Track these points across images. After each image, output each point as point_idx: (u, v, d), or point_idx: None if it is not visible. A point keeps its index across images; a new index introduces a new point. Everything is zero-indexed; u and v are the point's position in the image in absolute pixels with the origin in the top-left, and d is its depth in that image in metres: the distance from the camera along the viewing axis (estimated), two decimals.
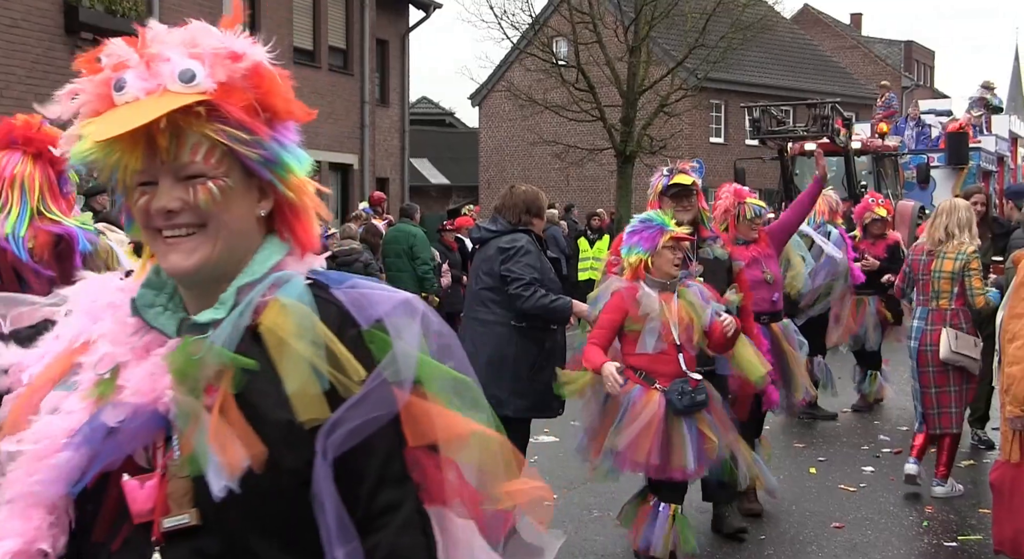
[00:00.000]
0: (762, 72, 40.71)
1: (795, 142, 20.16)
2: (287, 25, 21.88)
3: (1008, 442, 5.49)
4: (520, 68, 34.08)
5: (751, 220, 7.76)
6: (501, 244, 6.54)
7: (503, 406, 6.45)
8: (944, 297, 7.84)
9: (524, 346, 6.48)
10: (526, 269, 6.38)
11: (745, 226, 7.77)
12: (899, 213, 19.60)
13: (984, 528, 7.33)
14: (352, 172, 24.33)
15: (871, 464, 9.22)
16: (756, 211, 7.80)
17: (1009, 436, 5.46)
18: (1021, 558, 5.57)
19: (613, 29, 28.74)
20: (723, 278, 6.74)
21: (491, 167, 41.20)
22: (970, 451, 9.42)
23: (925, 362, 7.90)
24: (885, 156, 20.77)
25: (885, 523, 7.55)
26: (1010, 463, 5.47)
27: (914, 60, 62.74)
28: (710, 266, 6.68)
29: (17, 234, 4.08)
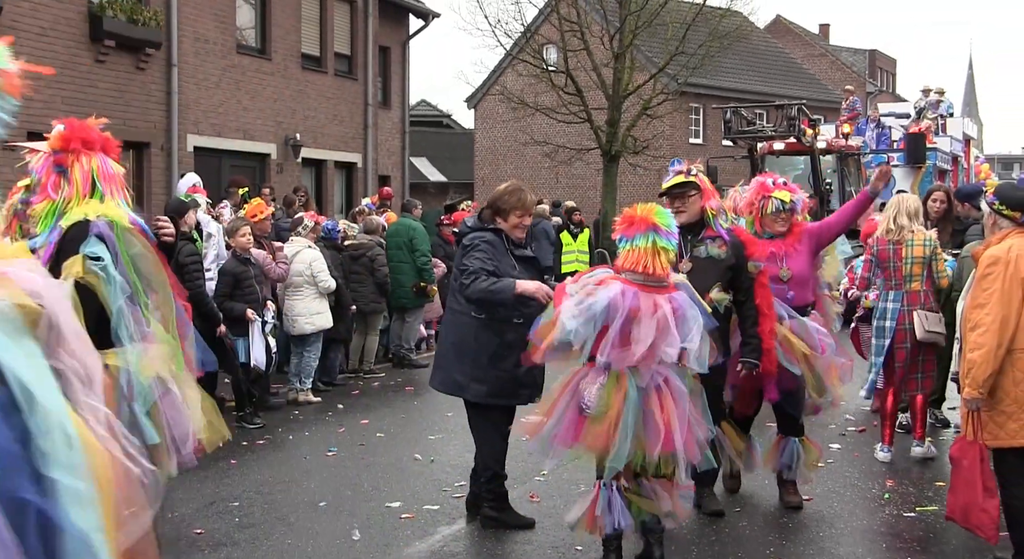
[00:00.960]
0: (737, 78, 40.74)
1: (764, 141, 20.11)
2: (295, 33, 21.86)
3: (965, 421, 5.62)
4: (513, 73, 34.07)
5: (774, 214, 7.22)
6: (464, 241, 6.68)
7: (464, 390, 6.64)
8: (916, 280, 8.31)
9: (485, 337, 6.53)
10: (475, 262, 6.39)
11: (769, 220, 7.25)
12: None
13: (940, 500, 7.41)
14: (356, 170, 24.33)
15: (837, 442, 9.30)
16: (778, 206, 7.20)
17: (965, 415, 5.59)
18: (970, 526, 5.70)
19: (599, 37, 28.77)
20: (714, 276, 6.42)
21: (486, 166, 41.18)
22: (928, 430, 9.48)
23: (903, 340, 8.30)
24: (848, 155, 20.73)
25: (850, 496, 7.62)
26: (967, 439, 5.59)
27: (878, 67, 62.73)
28: (701, 264, 6.44)
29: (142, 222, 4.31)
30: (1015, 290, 5.35)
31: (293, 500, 7.55)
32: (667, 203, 6.41)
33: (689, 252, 6.47)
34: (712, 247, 6.50)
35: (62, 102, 15.96)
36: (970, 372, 5.40)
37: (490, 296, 6.33)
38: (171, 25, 18.04)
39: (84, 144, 4.34)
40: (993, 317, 5.33)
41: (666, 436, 5.44)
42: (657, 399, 5.53)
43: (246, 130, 20.35)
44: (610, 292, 5.51)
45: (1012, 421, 5.38)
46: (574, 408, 5.59)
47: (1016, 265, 5.39)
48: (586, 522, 5.72)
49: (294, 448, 9.35)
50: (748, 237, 6.85)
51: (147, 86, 17.75)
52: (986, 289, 5.41)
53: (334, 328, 11.85)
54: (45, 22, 15.73)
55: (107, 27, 16.47)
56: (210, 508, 7.34)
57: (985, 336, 5.35)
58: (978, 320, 5.40)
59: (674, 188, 6.51)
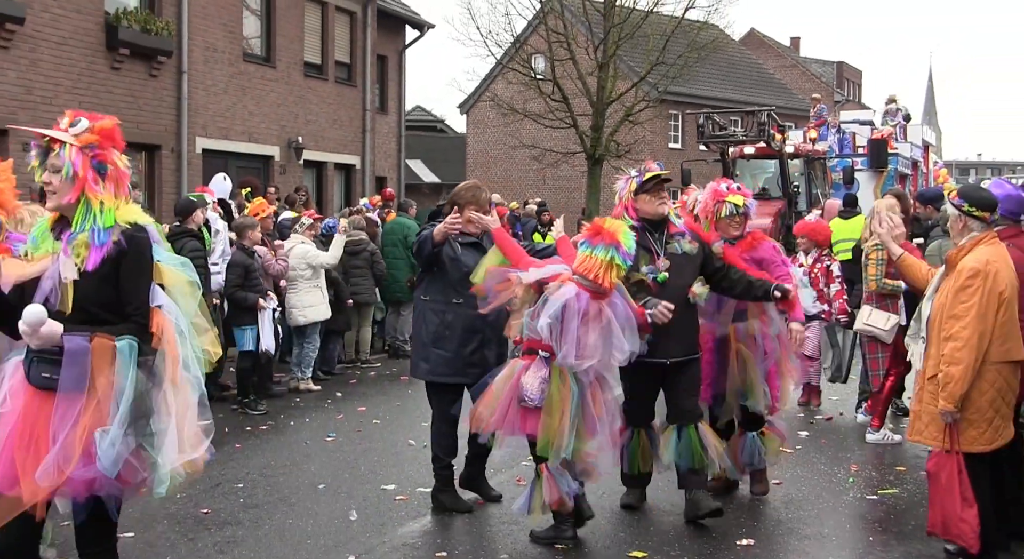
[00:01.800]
0: (714, 86, 40.77)
1: (736, 146, 19.96)
2: (298, 42, 21.82)
3: (942, 431, 5.38)
4: (503, 81, 34.06)
5: (728, 218, 6.81)
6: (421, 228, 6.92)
7: (416, 369, 6.83)
8: (868, 280, 8.72)
9: (429, 317, 6.62)
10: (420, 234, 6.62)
11: (724, 224, 6.84)
12: (827, 210, 19.84)
13: (900, 484, 7.46)
14: (355, 171, 24.30)
15: (806, 429, 9.33)
16: (731, 209, 6.77)
17: (942, 428, 5.37)
18: (951, 537, 5.48)
19: (584, 48, 28.75)
20: (691, 272, 6.34)
21: (477, 168, 41.12)
22: (889, 418, 9.52)
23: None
24: (815, 160, 20.63)
25: (817, 480, 7.64)
26: (943, 452, 5.38)
27: (845, 78, 62.86)
28: (677, 261, 6.29)
29: None
30: (992, 304, 5.23)
31: (294, 482, 7.55)
32: (649, 198, 6.28)
33: (663, 251, 6.31)
34: (684, 243, 6.36)
35: (79, 106, 15.75)
36: (947, 386, 5.23)
37: (419, 247, 6.49)
38: (182, 35, 18.01)
39: (115, 143, 4.09)
40: (971, 331, 5.20)
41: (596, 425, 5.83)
42: (592, 393, 5.77)
43: (251, 133, 20.31)
44: (565, 294, 5.61)
45: (972, 428, 5.31)
46: (515, 400, 5.71)
47: (995, 279, 5.26)
48: (552, 504, 5.85)
49: (295, 433, 9.34)
50: (698, 226, 6.74)
51: (159, 92, 17.71)
52: (964, 302, 5.26)
53: (333, 320, 11.84)
54: (65, 32, 15.71)
55: (122, 36, 16.46)
56: (216, 489, 7.33)
57: (963, 351, 5.20)
58: (955, 333, 5.25)
59: (659, 179, 6.29)
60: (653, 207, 6.31)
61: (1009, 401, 5.39)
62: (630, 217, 6.29)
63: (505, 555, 5.90)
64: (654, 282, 6.22)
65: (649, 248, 6.28)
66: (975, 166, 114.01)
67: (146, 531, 6.35)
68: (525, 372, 5.73)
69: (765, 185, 19.89)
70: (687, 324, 6.35)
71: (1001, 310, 5.26)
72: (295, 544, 6.11)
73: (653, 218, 6.33)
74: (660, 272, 6.23)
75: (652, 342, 6.01)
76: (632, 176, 6.38)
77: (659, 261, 6.24)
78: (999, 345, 5.26)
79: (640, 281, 6.18)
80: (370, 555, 5.93)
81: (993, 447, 5.39)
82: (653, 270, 6.20)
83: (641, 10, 28.79)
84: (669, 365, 6.29)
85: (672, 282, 6.24)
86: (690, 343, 6.43)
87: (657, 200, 6.28)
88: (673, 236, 6.37)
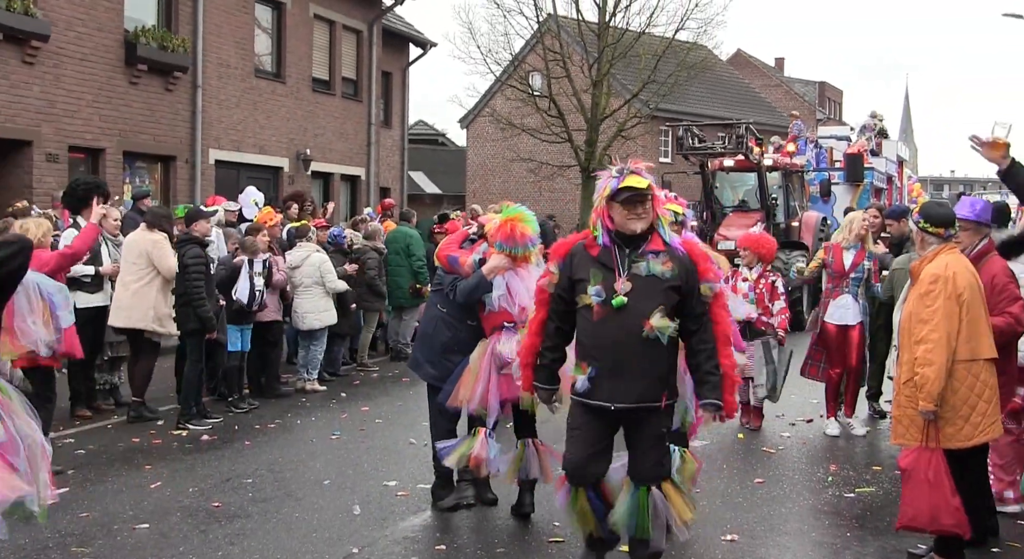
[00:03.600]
0: (702, 104, 40.81)
1: (715, 158, 19.36)
2: (307, 59, 21.85)
3: (922, 430, 5.36)
4: (501, 97, 34.09)
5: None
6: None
7: (419, 367, 6.84)
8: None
9: (443, 330, 6.64)
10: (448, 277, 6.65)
11: None
12: (804, 223, 19.57)
13: (877, 482, 7.47)
14: (360, 182, 24.32)
15: (787, 431, 9.34)
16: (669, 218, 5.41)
17: (922, 425, 5.36)
18: (943, 528, 5.39)
19: (580, 66, 28.85)
20: (656, 299, 4.79)
21: (476, 179, 41.13)
22: (867, 420, 9.55)
23: None
24: (793, 173, 20.16)
25: (798, 478, 7.65)
26: (923, 448, 5.36)
27: (826, 97, 63.00)
28: (640, 284, 4.81)
29: None
30: (953, 306, 5.28)
31: (301, 478, 7.55)
32: (622, 210, 4.87)
33: (627, 270, 4.85)
34: (655, 264, 4.85)
35: (100, 119, 15.96)
36: (924, 387, 5.25)
37: (476, 289, 6.30)
38: (197, 52, 18.05)
39: None
40: (940, 333, 5.24)
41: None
42: None
43: (262, 146, 20.33)
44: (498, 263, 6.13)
45: (949, 425, 5.31)
46: (494, 371, 6.06)
47: (954, 282, 5.31)
48: (471, 462, 6.24)
49: (302, 431, 9.34)
50: (701, 252, 5.12)
51: (175, 105, 17.73)
52: (929, 306, 5.30)
53: (337, 324, 11.85)
54: (87, 49, 15.76)
55: (140, 53, 16.52)
56: (226, 484, 7.34)
57: (934, 352, 5.23)
58: (924, 336, 5.28)
59: (633, 193, 4.84)
60: (623, 220, 4.90)
61: (988, 398, 5.37)
62: (605, 225, 4.96)
63: (502, 549, 5.91)
64: (603, 307, 4.82)
65: (609, 265, 4.88)
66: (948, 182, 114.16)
67: (160, 523, 6.36)
68: (497, 344, 6.15)
69: (744, 197, 19.64)
70: (646, 363, 4.82)
71: (962, 311, 5.32)
72: (301, 537, 6.11)
73: (625, 232, 4.91)
74: (617, 295, 4.80)
75: (594, 378, 4.85)
76: (613, 175, 4.95)
77: (619, 282, 4.83)
78: (964, 344, 5.31)
79: (587, 306, 4.88)
80: (372, 548, 5.94)
81: (973, 443, 5.40)
82: (600, 292, 4.82)
83: (634, 31, 28.90)
84: (614, 411, 4.88)
85: (633, 308, 4.80)
86: (648, 387, 4.86)
87: (630, 214, 4.87)
88: (646, 253, 4.88)
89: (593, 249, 4.95)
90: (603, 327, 4.83)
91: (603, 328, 4.83)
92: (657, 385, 4.88)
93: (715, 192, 19.69)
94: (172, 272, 9.38)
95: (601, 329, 4.84)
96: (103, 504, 6.79)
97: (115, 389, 10.20)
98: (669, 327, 4.78)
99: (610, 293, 4.81)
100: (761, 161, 19.02)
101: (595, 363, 4.84)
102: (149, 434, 8.97)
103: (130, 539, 6.07)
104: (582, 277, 4.92)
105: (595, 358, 4.85)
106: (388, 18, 25.03)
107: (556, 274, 5.08)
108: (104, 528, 6.26)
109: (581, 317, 4.96)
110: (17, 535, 6.06)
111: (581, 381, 4.86)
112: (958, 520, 5.34)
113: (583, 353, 4.92)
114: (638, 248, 4.90)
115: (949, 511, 5.31)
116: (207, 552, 5.83)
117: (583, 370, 4.86)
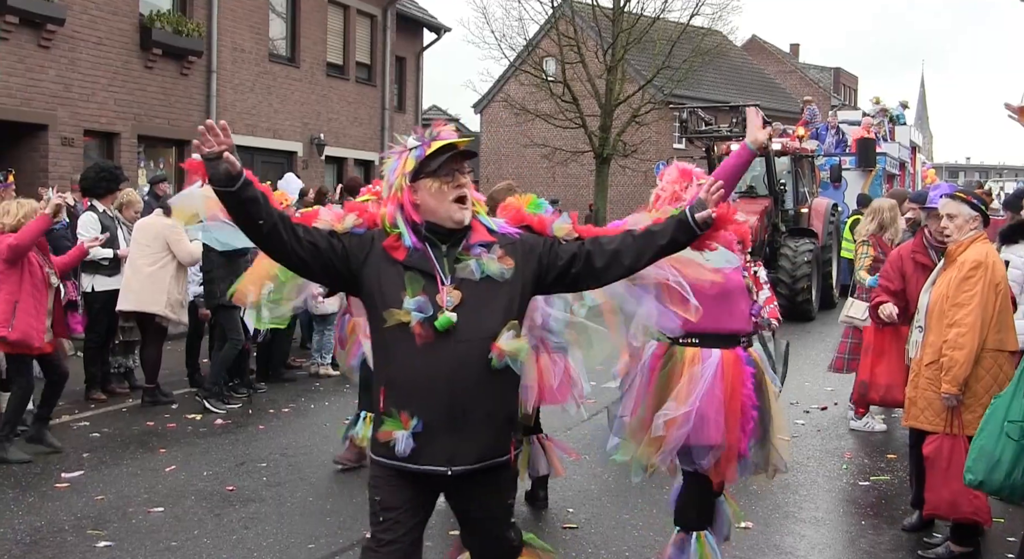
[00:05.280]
0: (717, 90, 40.63)
1: (721, 142, 18.60)
2: (322, 44, 21.82)
3: (939, 415, 5.34)
4: (515, 82, 34.01)
5: None
6: None
7: None
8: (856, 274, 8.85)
9: None
10: None
11: None
12: (814, 209, 18.89)
13: (891, 470, 7.44)
14: (374, 167, 24.30)
15: (802, 418, 9.30)
16: None
17: (940, 409, 5.34)
18: (962, 515, 5.38)
19: (594, 52, 28.75)
20: (500, 309, 3.35)
21: (490, 165, 41.10)
22: (881, 408, 9.48)
23: None
24: (803, 158, 19.46)
25: (813, 466, 7.62)
26: (945, 435, 5.33)
27: (841, 83, 62.67)
28: (474, 292, 3.34)
29: None
30: (991, 294, 5.26)
31: (314, 462, 7.55)
32: (441, 187, 3.35)
33: (450, 277, 3.36)
34: (489, 261, 3.39)
35: (115, 104, 15.98)
36: (951, 370, 5.21)
37: None
38: (211, 36, 18.04)
39: None
40: (974, 318, 5.20)
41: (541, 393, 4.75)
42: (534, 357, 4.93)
43: (276, 130, 20.32)
44: None
45: (968, 412, 5.26)
46: None
47: (994, 271, 5.30)
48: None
49: (315, 416, 9.35)
50: (535, 216, 3.67)
51: (189, 90, 17.74)
52: (967, 291, 5.26)
53: None
54: (102, 33, 15.76)
55: (155, 38, 16.52)
56: (241, 468, 7.35)
57: (966, 337, 5.19)
58: (959, 319, 5.25)
59: (460, 154, 3.45)
60: (439, 203, 3.39)
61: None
62: (408, 218, 3.42)
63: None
64: (425, 328, 3.29)
65: (429, 270, 3.37)
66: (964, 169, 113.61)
67: (175, 506, 6.37)
68: None
69: (752, 183, 18.74)
70: (493, 403, 3.39)
71: (998, 300, 5.30)
72: (315, 520, 6.12)
73: (442, 223, 3.41)
74: (443, 312, 3.29)
75: (421, 433, 3.31)
76: (409, 147, 3.49)
77: (442, 292, 3.34)
78: (995, 333, 5.28)
79: (403, 324, 3.31)
80: None
81: None
82: (423, 306, 3.31)
83: (648, 16, 28.77)
84: (451, 477, 3.36)
85: (467, 328, 3.31)
86: (496, 438, 3.44)
87: (450, 192, 3.38)
88: (470, 248, 3.41)
89: (398, 252, 3.37)
90: (429, 358, 3.28)
91: (429, 359, 3.28)
92: (505, 431, 3.45)
93: None
94: (193, 256, 9.31)
95: (426, 361, 3.29)
96: (118, 487, 6.80)
97: (130, 372, 10.21)
98: (523, 349, 3.35)
99: (424, 308, 3.30)
100: (769, 145, 18.40)
101: (422, 412, 3.30)
102: (163, 417, 8.98)
103: (145, 522, 6.08)
104: (386, 289, 3.35)
105: (421, 405, 3.30)
106: (402, 3, 24.98)
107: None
108: (119, 511, 6.28)
109: (389, 345, 3.36)
110: (33, 517, 6.09)
111: (401, 440, 3.29)
112: (977, 508, 5.31)
113: (399, 399, 3.33)
114: (459, 243, 3.40)
115: (968, 498, 5.26)
116: (222, 535, 5.84)
117: (403, 424, 3.31)
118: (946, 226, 5.46)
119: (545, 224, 3.60)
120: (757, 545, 5.81)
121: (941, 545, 5.60)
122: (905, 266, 6.36)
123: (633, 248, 3.48)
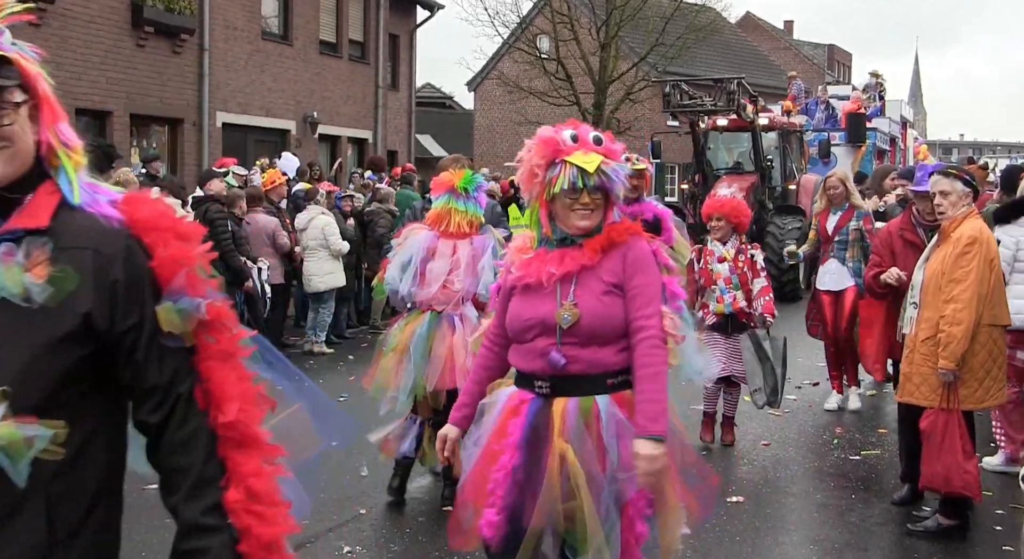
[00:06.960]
0: (711, 67, 40.40)
1: (705, 116, 18.09)
2: (314, 22, 21.69)
3: (935, 391, 5.33)
4: (509, 60, 33.86)
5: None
6: None
7: None
8: None
9: None
10: None
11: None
12: (802, 186, 18.28)
13: (881, 445, 7.49)
14: (367, 145, 24.23)
15: (794, 394, 9.33)
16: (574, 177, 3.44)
17: (935, 385, 5.32)
18: (954, 489, 5.39)
19: (588, 29, 28.61)
20: (27, 347, 1.81)
21: (483, 143, 41.00)
22: (871, 383, 9.52)
23: None
24: (791, 133, 18.87)
25: (804, 441, 7.67)
26: (939, 410, 5.33)
27: (835, 60, 62.47)
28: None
29: None
30: (987, 269, 5.27)
31: None
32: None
33: None
34: (11, 268, 1.77)
35: (107, 82, 15.89)
36: (949, 346, 5.20)
37: None
38: (204, 13, 17.91)
39: None
40: (971, 294, 5.19)
41: (446, 373, 5.37)
42: (447, 335, 5.50)
43: (269, 108, 20.24)
44: (414, 239, 5.68)
45: (964, 387, 5.28)
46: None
47: (988, 246, 5.31)
48: (383, 443, 6.06)
49: None
50: (156, 214, 1.99)
51: (182, 68, 17.64)
52: (963, 267, 5.25)
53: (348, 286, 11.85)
54: (93, 10, 15.64)
55: (147, 15, 16.39)
56: None
57: (963, 313, 5.19)
58: (955, 295, 5.24)
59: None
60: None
61: (1000, 364, 5.40)
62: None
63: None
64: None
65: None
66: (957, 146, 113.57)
67: None
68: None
69: (739, 159, 18.54)
70: None
71: (992, 275, 5.32)
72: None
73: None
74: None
75: None
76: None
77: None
78: (989, 309, 5.29)
79: None
80: (379, 508, 5.97)
81: (984, 406, 5.50)
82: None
83: None
84: None
85: None
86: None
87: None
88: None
89: None
90: None
91: None
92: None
93: (708, 153, 18.45)
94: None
95: None
96: None
97: None
98: (14, 438, 1.76)
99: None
100: (756, 120, 17.73)
101: None
102: None
103: (139, 500, 6.01)
104: None
105: None
106: None
107: None
108: None
109: None
110: None
111: None
112: (967, 482, 5.33)
113: None
114: None
115: (959, 473, 5.29)
116: None
117: None
118: (940, 203, 5.42)
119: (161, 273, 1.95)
120: (748, 519, 5.85)
121: (930, 518, 5.64)
122: (894, 243, 6.38)
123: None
